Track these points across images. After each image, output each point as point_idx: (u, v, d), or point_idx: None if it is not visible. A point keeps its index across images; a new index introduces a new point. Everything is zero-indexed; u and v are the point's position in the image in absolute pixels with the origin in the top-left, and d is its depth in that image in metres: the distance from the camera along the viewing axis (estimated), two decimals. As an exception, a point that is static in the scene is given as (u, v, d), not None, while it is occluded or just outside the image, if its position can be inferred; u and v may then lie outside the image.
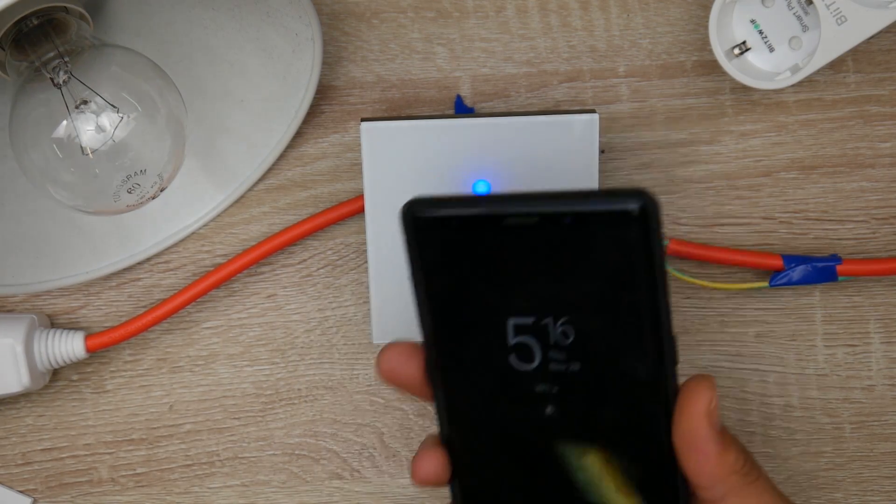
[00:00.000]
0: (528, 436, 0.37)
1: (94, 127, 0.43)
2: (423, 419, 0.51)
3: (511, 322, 0.35)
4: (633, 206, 0.33)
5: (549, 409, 0.36)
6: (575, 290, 0.35)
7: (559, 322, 0.35)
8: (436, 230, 0.35)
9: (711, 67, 0.48)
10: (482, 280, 0.35)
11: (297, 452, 0.51)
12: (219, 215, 0.50)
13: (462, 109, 0.49)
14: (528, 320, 0.35)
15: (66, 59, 0.43)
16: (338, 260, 0.50)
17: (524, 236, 0.34)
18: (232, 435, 0.51)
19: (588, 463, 0.36)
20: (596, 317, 0.35)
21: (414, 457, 0.38)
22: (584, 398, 0.36)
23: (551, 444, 0.37)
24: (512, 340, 0.36)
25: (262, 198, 0.50)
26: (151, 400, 0.51)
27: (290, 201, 0.50)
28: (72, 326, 0.50)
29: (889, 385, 0.50)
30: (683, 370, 0.36)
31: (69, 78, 0.43)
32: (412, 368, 0.37)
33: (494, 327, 0.35)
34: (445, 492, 0.37)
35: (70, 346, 0.48)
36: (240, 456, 0.51)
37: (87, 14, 0.44)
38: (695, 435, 0.35)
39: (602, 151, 0.47)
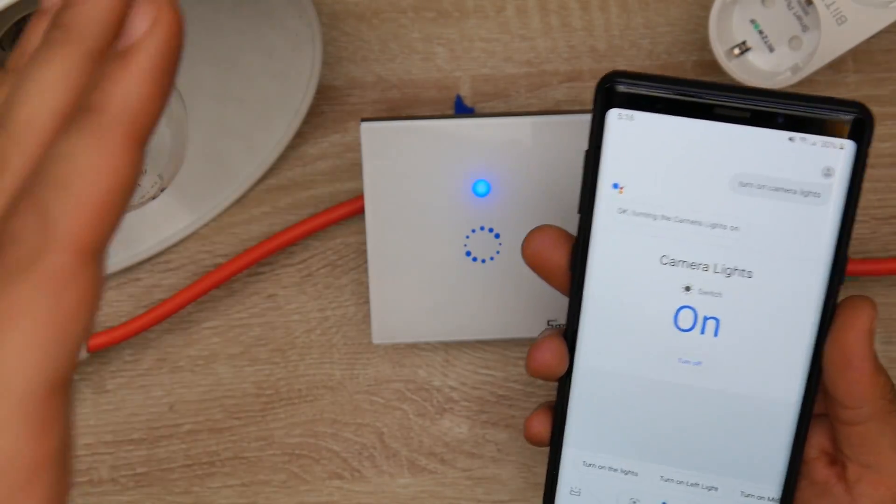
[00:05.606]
0: (661, 348, 0.35)
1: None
2: (422, 419, 0.51)
3: (678, 227, 0.34)
4: (853, 116, 0.33)
5: (690, 328, 0.35)
6: (762, 198, 0.33)
7: (731, 231, 0.33)
8: (633, 108, 0.33)
9: (711, 67, 0.48)
10: (662, 174, 0.33)
11: (297, 452, 0.51)
12: (219, 215, 0.50)
13: (462, 109, 0.49)
14: (698, 227, 0.34)
15: (67, 59, 0.43)
16: (338, 260, 0.50)
17: (724, 133, 0.33)
18: (232, 435, 0.51)
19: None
20: (774, 229, 0.33)
21: (532, 346, 0.36)
22: (739, 317, 0.34)
23: (683, 366, 0.35)
24: (674, 247, 0.34)
25: (262, 198, 0.50)
26: (151, 400, 0.51)
27: (291, 201, 0.50)
28: (72, 326, 0.50)
29: (889, 385, 0.50)
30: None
31: (69, 78, 0.43)
32: (558, 255, 0.36)
33: (659, 230, 0.34)
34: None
35: (70, 346, 0.48)
36: (240, 456, 0.51)
37: (87, 14, 0.44)
38: (854, 351, 0.35)
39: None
